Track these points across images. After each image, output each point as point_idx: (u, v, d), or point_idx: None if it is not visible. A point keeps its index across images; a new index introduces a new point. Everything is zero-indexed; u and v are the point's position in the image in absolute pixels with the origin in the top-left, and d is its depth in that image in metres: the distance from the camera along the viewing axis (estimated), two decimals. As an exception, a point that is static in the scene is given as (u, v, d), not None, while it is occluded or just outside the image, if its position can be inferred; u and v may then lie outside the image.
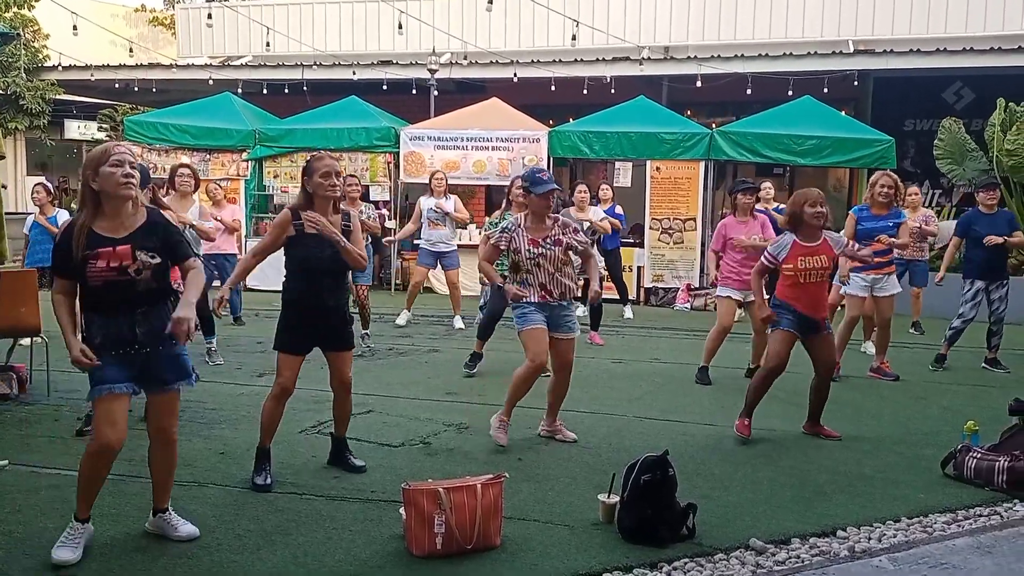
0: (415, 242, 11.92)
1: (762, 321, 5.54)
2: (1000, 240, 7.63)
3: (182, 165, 7.82)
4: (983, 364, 7.95)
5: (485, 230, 7.61)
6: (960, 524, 4.23)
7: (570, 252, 5.31)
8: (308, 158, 4.79)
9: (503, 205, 7.56)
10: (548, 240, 5.19)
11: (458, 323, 9.93)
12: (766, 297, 5.77)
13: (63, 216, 8.38)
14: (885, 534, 4.06)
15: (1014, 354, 8.33)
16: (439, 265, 10.06)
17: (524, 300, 5.16)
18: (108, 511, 4.03)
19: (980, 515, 4.36)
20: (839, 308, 8.60)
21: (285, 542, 3.83)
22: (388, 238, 11.39)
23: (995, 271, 7.75)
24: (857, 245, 6.28)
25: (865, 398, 6.81)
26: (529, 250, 5.16)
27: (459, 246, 10.26)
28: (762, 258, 5.64)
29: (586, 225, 8.41)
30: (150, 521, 3.88)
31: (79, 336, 3.55)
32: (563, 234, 5.25)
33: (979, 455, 4.80)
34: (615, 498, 4.06)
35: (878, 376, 7.47)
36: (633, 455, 4.22)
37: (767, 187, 10.55)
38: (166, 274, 3.69)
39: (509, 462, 4.90)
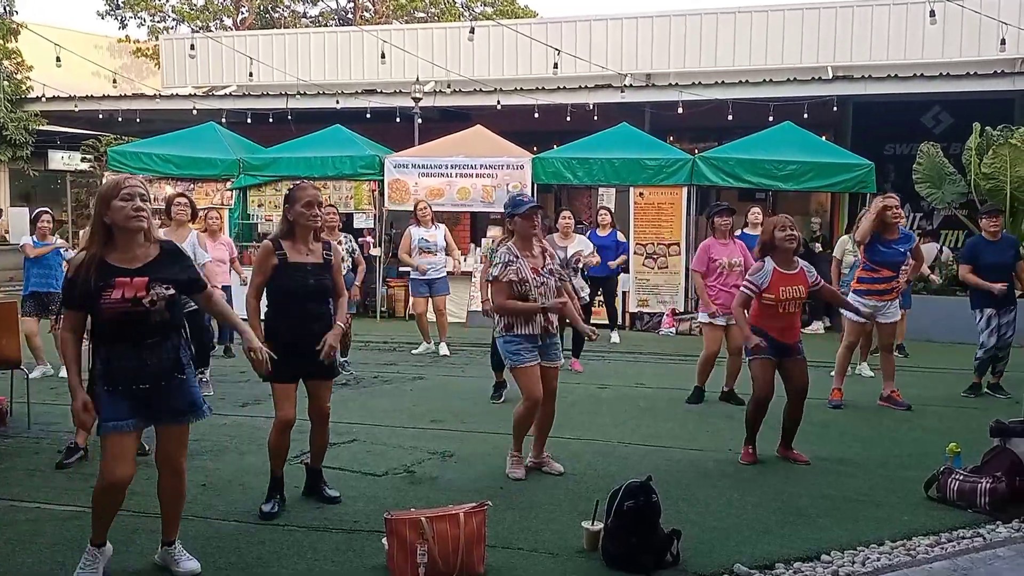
0: (401, 270, 11.92)
1: (753, 350, 5.52)
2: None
3: (179, 194, 7.78)
4: (985, 389, 7.82)
5: (487, 259, 7.38)
6: (943, 547, 4.24)
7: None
8: (291, 187, 4.75)
9: (501, 234, 7.45)
10: (545, 270, 5.26)
11: (443, 350, 9.91)
12: None
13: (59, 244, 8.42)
14: (869, 558, 4.06)
15: (1010, 375, 8.03)
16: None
17: (519, 334, 5.13)
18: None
19: (963, 537, 4.36)
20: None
21: (266, 574, 3.79)
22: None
23: (1003, 297, 7.64)
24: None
25: (849, 420, 6.82)
26: (534, 279, 5.18)
27: (448, 273, 10.25)
28: (743, 288, 5.66)
29: (571, 253, 8.38)
30: (158, 552, 3.86)
31: (83, 382, 3.52)
32: (554, 266, 5.33)
33: (961, 477, 4.82)
34: (599, 525, 4.04)
35: (889, 405, 7.25)
36: (617, 481, 4.21)
37: (755, 212, 10.62)
38: (178, 306, 3.67)
39: (492, 490, 4.88)
